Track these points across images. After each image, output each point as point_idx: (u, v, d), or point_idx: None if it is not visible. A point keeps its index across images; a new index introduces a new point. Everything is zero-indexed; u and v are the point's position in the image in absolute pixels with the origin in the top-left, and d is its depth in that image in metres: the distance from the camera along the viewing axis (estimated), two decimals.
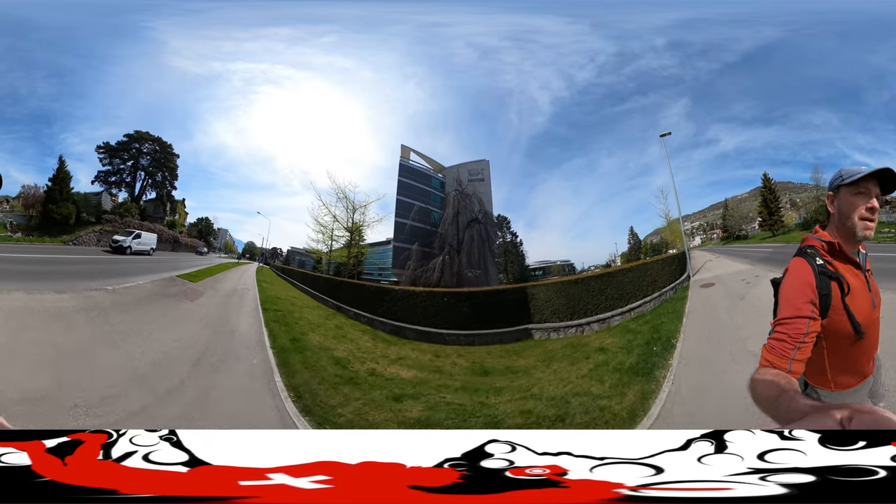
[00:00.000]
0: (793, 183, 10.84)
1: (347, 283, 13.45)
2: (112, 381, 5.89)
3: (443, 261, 11.95)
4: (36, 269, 9.87)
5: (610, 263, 11.11)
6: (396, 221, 12.92)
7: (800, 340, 1.53)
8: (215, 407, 6.02)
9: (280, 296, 13.11)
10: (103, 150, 12.14)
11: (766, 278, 5.01)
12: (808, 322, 1.57)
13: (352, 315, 11.76)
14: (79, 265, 11.15)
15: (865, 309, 1.71)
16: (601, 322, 4.92)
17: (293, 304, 12.49)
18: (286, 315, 10.94)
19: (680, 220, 10.15)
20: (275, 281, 15.45)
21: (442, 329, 9.16)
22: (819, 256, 1.69)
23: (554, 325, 5.46)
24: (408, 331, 9.81)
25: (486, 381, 5.52)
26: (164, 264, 12.81)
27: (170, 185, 13.40)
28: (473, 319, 8.56)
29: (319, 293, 13.71)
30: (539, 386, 4.68)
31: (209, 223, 15.29)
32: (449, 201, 11.82)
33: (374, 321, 10.81)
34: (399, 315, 10.21)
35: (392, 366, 8.04)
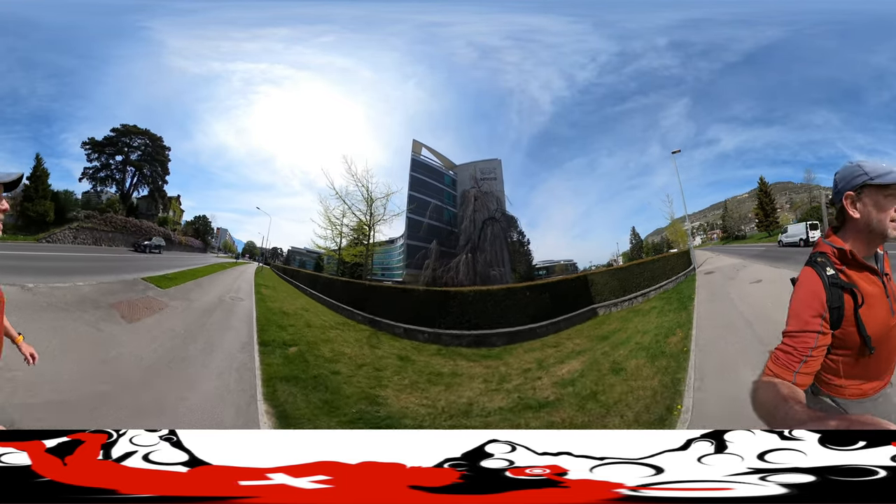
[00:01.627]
0: (793, 183, 10.85)
1: (382, 289, 10.78)
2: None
3: (466, 259, 11.58)
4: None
5: (612, 263, 11.22)
6: (410, 218, 11.79)
7: (807, 354, 1.46)
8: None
9: (287, 309, 9.82)
10: (89, 145, 11.81)
11: (751, 268, 7.62)
12: (817, 336, 1.48)
13: (401, 332, 8.74)
14: (33, 261, 8.97)
15: (882, 317, 1.59)
16: (644, 295, 7.73)
17: (309, 323, 9.05)
18: (307, 356, 6.85)
19: (687, 223, 10.84)
20: (277, 284, 12.78)
21: (540, 322, 8.16)
22: (830, 266, 1.59)
23: (614, 301, 7.80)
24: (498, 337, 7.95)
25: (613, 339, 7.08)
26: (141, 263, 10.75)
27: (160, 180, 12.82)
28: (555, 306, 8.37)
29: (339, 302, 10.79)
30: (637, 329, 6.96)
31: (206, 221, 14.57)
32: (469, 199, 11.51)
33: (445, 336, 8.08)
34: (480, 321, 8.05)
35: (564, 378, 5.78)
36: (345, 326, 9.22)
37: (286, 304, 10.55)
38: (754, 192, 11.61)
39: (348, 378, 6.38)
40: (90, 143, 11.73)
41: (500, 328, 7.97)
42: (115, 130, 12.00)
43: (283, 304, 10.41)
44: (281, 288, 12.45)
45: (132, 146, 12.27)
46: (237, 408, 5.00)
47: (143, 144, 12.29)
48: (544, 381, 6.13)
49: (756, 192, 11.55)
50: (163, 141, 12.36)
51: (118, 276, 8.49)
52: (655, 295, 7.74)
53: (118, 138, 12.03)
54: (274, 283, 12.88)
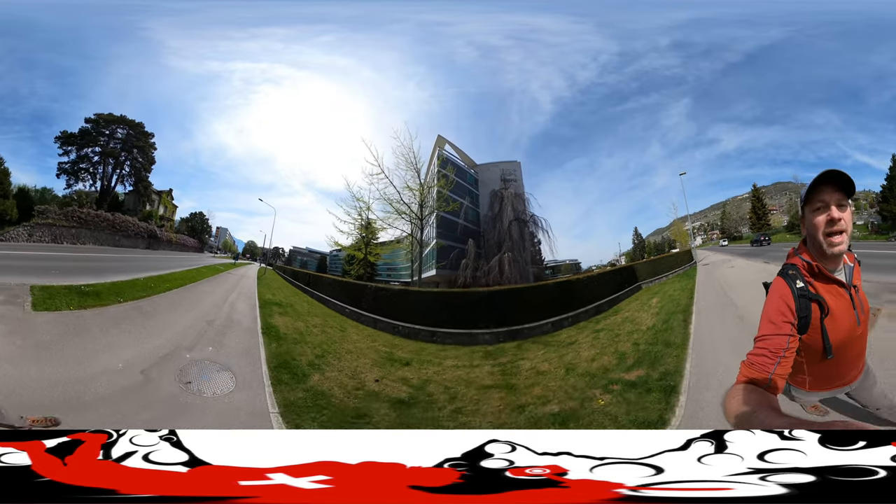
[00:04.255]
0: (793, 183, 10.91)
1: (467, 294, 9.01)
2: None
3: (509, 257, 11.63)
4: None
5: (615, 263, 11.61)
6: (442, 217, 11.34)
7: (780, 355, 1.51)
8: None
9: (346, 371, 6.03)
10: (61, 139, 11.18)
11: (734, 262, 10.28)
12: (788, 339, 1.55)
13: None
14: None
15: (846, 328, 1.68)
16: (665, 276, 10.44)
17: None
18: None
19: (688, 224, 11.72)
20: (291, 299, 9.34)
21: (606, 298, 9.69)
22: (800, 278, 1.66)
23: (650, 280, 10.50)
24: (586, 313, 8.70)
25: (661, 293, 9.26)
26: (90, 265, 8.12)
27: (143, 170, 11.84)
28: (618, 285, 10.43)
29: (416, 323, 8.22)
30: (668, 293, 9.03)
31: (203, 218, 13.86)
32: (506, 199, 11.42)
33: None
34: (558, 311, 8.47)
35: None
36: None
37: (328, 343, 6.85)
38: (760, 190, 11.80)
39: None
40: (62, 136, 11.02)
41: (585, 308, 9.24)
42: (89, 120, 11.21)
43: (327, 347, 6.68)
44: (299, 305, 9.08)
45: (112, 136, 11.42)
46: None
47: (123, 133, 11.43)
48: (652, 305, 8.59)
49: (754, 193, 11.88)
50: (144, 127, 11.06)
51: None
52: (675, 276, 10.89)
53: (94, 129, 11.27)
54: (285, 294, 9.64)
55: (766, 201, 11.79)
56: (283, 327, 7.13)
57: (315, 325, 7.96)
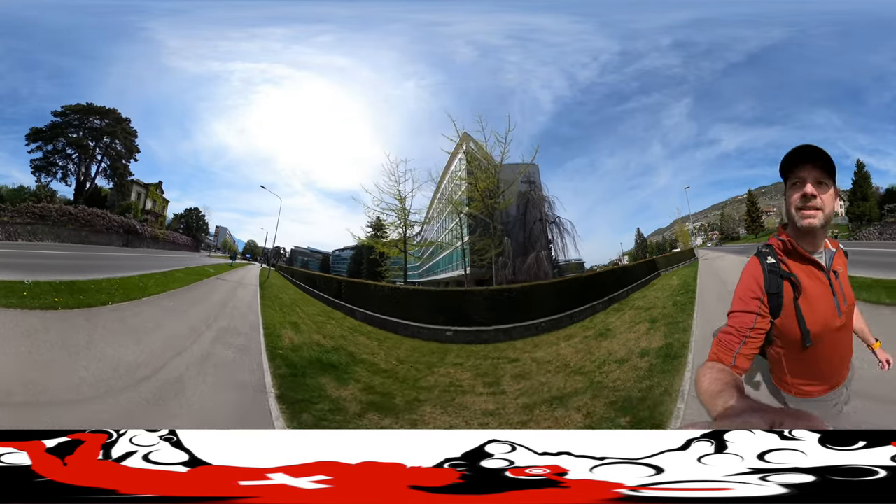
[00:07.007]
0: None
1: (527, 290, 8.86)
2: None
3: (546, 254, 11.94)
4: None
5: (618, 262, 11.77)
6: (473, 215, 11.46)
7: (746, 335, 1.50)
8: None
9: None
10: (31, 136, 10.33)
11: (726, 258, 10.89)
12: (756, 318, 1.53)
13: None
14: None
15: (825, 315, 1.62)
16: (675, 267, 11.73)
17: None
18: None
19: (689, 224, 12.36)
20: (340, 341, 6.73)
21: (632, 284, 10.82)
22: (773, 255, 1.66)
23: (665, 271, 11.44)
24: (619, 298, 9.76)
25: (673, 278, 10.72)
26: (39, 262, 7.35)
27: (120, 159, 10.38)
28: (643, 274, 11.23)
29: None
30: (681, 276, 10.53)
31: (199, 215, 11.92)
32: (536, 200, 11.46)
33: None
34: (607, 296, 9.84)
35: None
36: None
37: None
38: (755, 193, 11.85)
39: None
40: (32, 133, 10.26)
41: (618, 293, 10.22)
42: (57, 113, 9.85)
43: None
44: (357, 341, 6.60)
45: (83, 126, 9.88)
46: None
47: (101, 124, 10.65)
48: (674, 278, 10.43)
49: (759, 191, 11.96)
50: (119, 113, 10.21)
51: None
52: (682, 267, 11.85)
53: (64, 121, 10.35)
54: (318, 326, 7.04)
55: (767, 202, 11.91)
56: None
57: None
